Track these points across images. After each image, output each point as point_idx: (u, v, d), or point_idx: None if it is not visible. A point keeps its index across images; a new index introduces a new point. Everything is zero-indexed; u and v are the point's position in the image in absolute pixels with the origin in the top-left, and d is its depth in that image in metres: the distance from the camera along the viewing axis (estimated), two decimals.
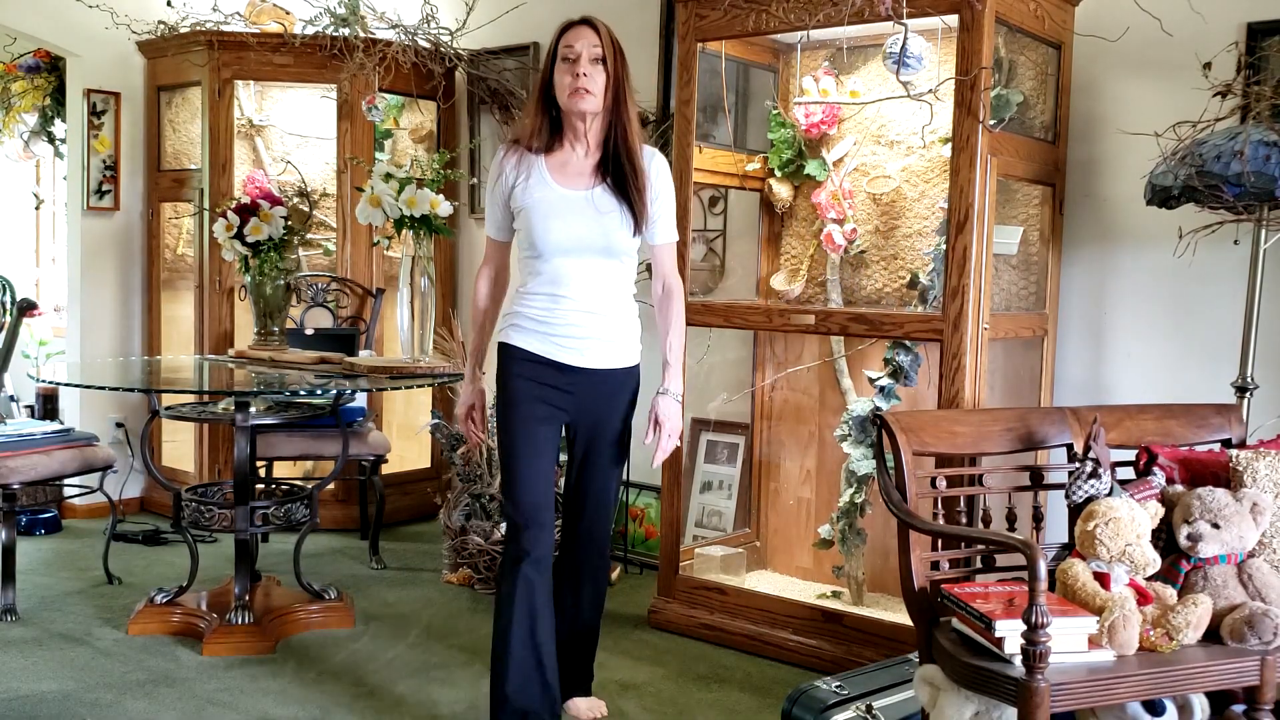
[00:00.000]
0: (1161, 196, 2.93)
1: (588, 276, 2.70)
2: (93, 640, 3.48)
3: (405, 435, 5.28)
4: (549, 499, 2.74)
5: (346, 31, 4.69)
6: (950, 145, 3.07)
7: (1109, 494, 2.45)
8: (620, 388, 2.81)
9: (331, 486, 4.77)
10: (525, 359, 2.72)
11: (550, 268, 2.69)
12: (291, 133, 5.29)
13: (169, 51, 4.91)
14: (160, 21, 4.91)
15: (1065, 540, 2.58)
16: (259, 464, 4.28)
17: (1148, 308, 3.40)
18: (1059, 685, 2.08)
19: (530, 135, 2.71)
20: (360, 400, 4.53)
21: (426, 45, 4.82)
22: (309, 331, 4.24)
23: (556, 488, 3.74)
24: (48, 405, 5.42)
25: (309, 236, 5.17)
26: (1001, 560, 2.56)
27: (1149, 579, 2.38)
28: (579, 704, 2.96)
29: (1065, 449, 2.67)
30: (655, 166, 2.75)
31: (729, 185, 3.92)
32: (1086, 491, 2.47)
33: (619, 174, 2.68)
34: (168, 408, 4.01)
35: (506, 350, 2.76)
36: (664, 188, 2.78)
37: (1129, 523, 2.35)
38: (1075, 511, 2.49)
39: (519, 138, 2.74)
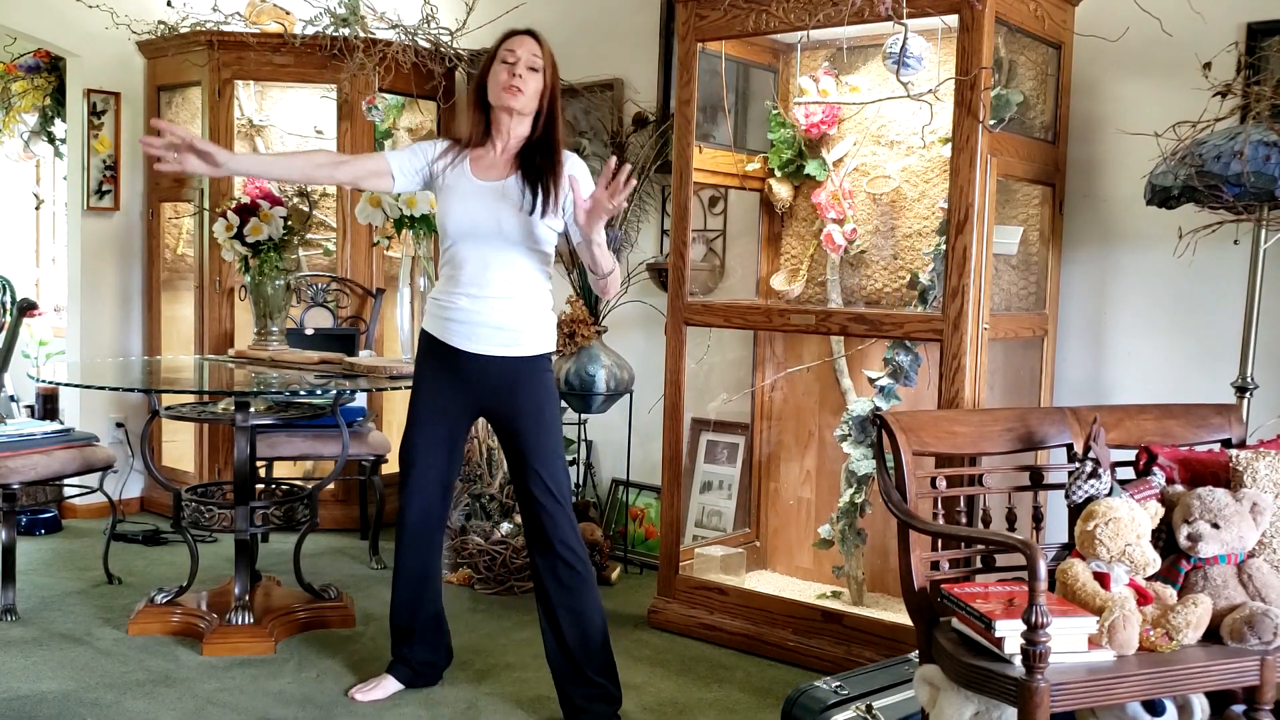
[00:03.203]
0: (1161, 196, 2.93)
1: (481, 260, 2.81)
2: (93, 640, 3.48)
3: None
4: (429, 471, 2.95)
5: (346, 31, 4.69)
6: (950, 145, 3.07)
7: (1109, 494, 2.45)
8: (521, 378, 2.86)
9: (331, 486, 4.77)
10: (430, 344, 2.91)
11: (451, 252, 2.85)
12: (291, 133, 5.29)
13: (169, 51, 4.91)
14: (160, 22, 4.91)
15: (1065, 540, 2.58)
16: (259, 464, 4.28)
17: (1148, 308, 3.40)
18: (1059, 685, 2.08)
19: (470, 135, 2.91)
20: (360, 400, 4.53)
21: (426, 45, 4.82)
22: (309, 331, 4.25)
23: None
24: (48, 405, 5.41)
25: (309, 236, 5.17)
26: (1001, 560, 2.56)
27: (1149, 579, 2.38)
28: None
29: (1065, 449, 2.67)
30: (573, 163, 2.85)
31: (729, 185, 3.92)
32: (1086, 491, 2.47)
33: (533, 163, 2.81)
34: (168, 408, 4.01)
35: (421, 337, 2.96)
36: (583, 180, 2.83)
37: (1129, 523, 2.35)
38: (1075, 511, 2.49)
39: (458, 136, 2.95)
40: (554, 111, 2.86)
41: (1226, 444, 2.76)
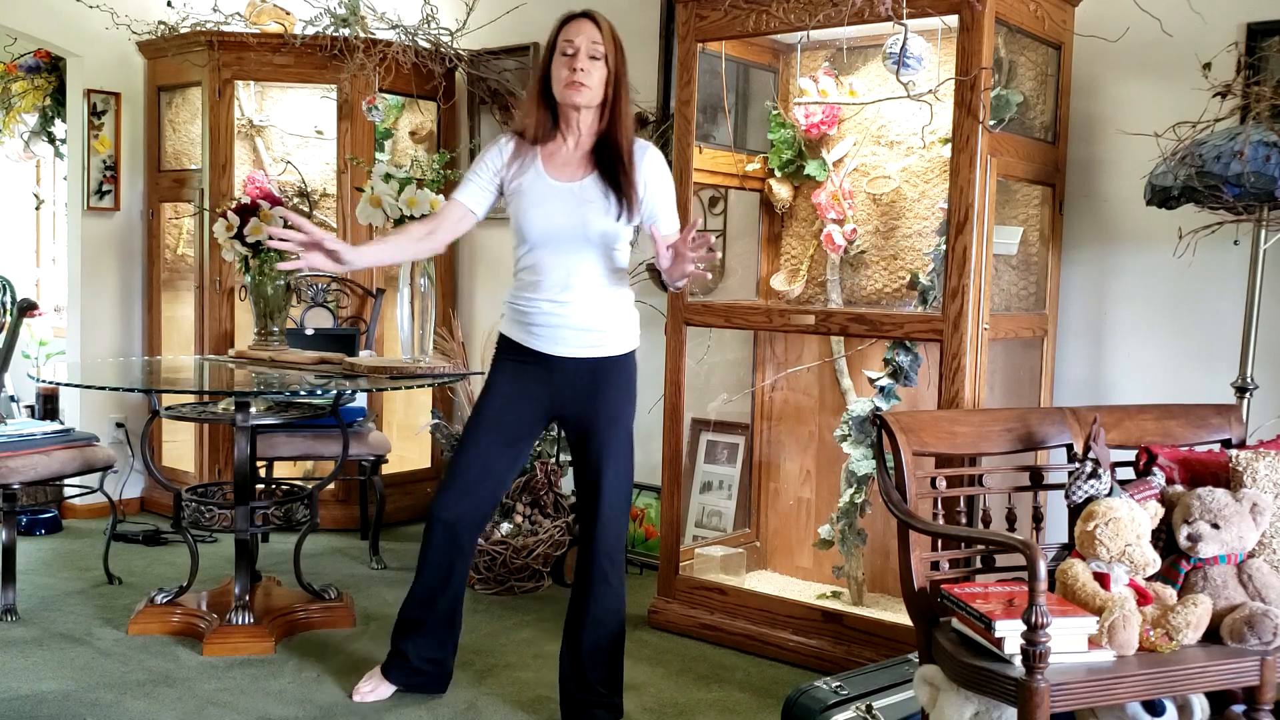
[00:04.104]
0: (1161, 197, 2.93)
1: (564, 265, 2.72)
2: (93, 640, 3.48)
3: (405, 435, 5.28)
4: (484, 471, 2.81)
5: (347, 32, 4.69)
6: (950, 145, 3.07)
7: (1109, 494, 2.45)
8: (604, 378, 2.78)
9: (331, 486, 4.77)
10: (510, 348, 2.81)
11: (531, 257, 2.75)
12: (292, 133, 5.29)
13: (169, 52, 4.91)
14: (160, 22, 4.91)
15: (1065, 540, 2.58)
16: (259, 464, 4.28)
17: (1148, 308, 3.40)
18: (1059, 685, 2.08)
19: (530, 128, 2.76)
20: (360, 400, 4.53)
21: (426, 45, 4.83)
22: (309, 331, 4.24)
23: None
24: (48, 405, 5.42)
25: None
26: (1001, 560, 2.56)
27: (1149, 579, 2.38)
28: None
29: (1065, 449, 2.67)
30: (649, 159, 2.76)
31: (729, 185, 3.92)
32: (1086, 491, 2.47)
33: (608, 163, 2.71)
34: (168, 408, 4.01)
35: (499, 341, 2.86)
36: (659, 180, 2.77)
37: (1129, 523, 2.35)
38: (1075, 512, 2.49)
39: (520, 130, 2.79)
40: (619, 100, 2.70)
41: (1226, 444, 2.76)
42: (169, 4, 4.92)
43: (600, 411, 2.79)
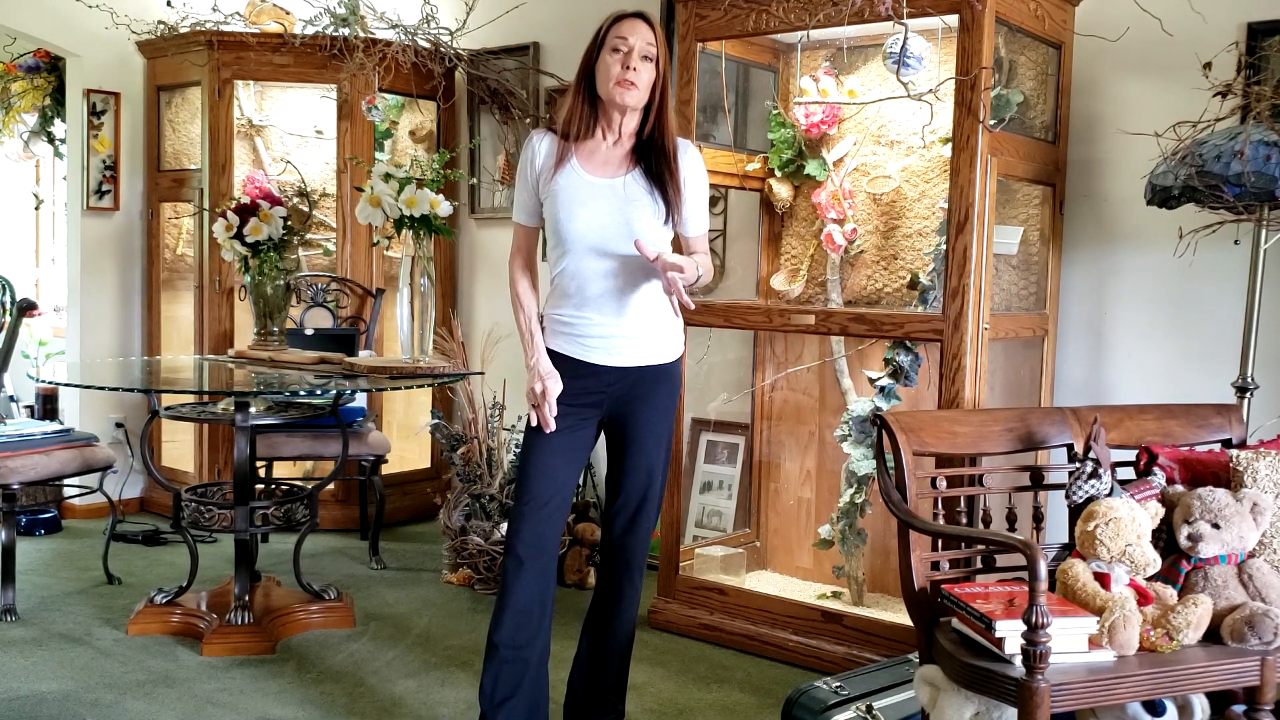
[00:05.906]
0: (1161, 196, 2.93)
1: (609, 270, 2.56)
2: (93, 640, 3.48)
3: (405, 435, 5.28)
4: (555, 498, 2.63)
5: (346, 31, 4.69)
6: (950, 145, 3.07)
7: (1109, 494, 2.45)
8: (654, 386, 2.66)
9: (331, 486, 4.77)
10: (558, 362, 2.62)
11: (572, 264, 2.58)
12: (292, 133, 5.29)
13: (169, 51, 4.91)
14: (160, 21, 4.91)
15: (1065, 540, 2.58)
16: (259, 464, 4.28)
17: (1148, 308, 3.40)
18: (1059, 685, 2.08)
19: (567, 121, 2.61)
20: (360, 400, 4.53)
21: (426, 45, 4.83)
22: (309, 331, 4.24)
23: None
24: (48, 405, 5.41)
25: (309, 236, 5.17)
26: (1001, 560, 2.56)
27: (1149, 579, 2.38)
28: None
29: (1065, 449, 2.67)
30: (689, 158, 2.64)
31: (729, 185, 3.92)
32: (1087, 491, 2.47)
33: (652, 162, 2.59)
34: (168, 408, 4.00)
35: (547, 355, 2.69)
36: (697, 180, 2.67)
37: (1129, 523, 2.35)
38: (1075, 511, 2.49)
39: (557, 125, 2.65)
40: (665, 104, 2.59)
41: (1227, 444, 2.76)
42: (169, 4, 4.92)
43: (648, 420, 2.67)
